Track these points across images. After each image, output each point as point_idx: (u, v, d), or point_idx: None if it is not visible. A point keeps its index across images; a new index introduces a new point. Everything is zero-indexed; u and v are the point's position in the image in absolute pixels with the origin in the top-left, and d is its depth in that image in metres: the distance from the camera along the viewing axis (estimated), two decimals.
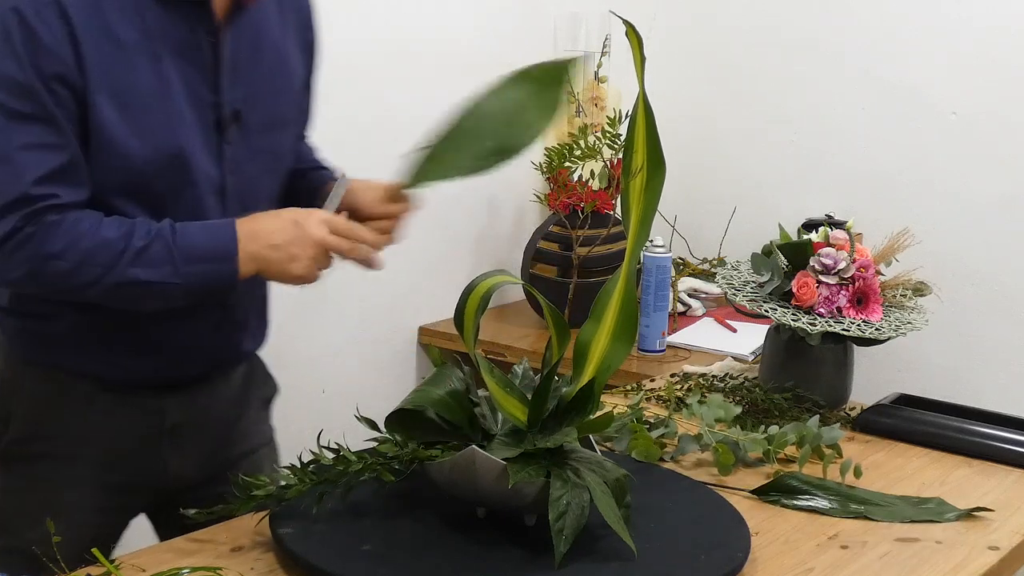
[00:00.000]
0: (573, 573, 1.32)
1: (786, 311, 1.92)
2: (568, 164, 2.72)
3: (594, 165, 2.76)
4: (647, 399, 2.01)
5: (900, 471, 1.78)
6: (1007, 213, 2.78)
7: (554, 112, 1.49)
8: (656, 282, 2.53)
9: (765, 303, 1.94)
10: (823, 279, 1.92)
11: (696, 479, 1.65)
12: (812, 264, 1.93)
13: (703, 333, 2.71)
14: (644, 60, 1.39)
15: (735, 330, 2.71)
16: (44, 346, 1.59)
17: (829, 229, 2.00)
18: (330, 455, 1.43)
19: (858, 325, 1.89)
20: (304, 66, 1.71)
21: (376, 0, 2.57)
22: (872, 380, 2.34)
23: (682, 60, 3.15)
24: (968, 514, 1.62)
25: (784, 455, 1.75)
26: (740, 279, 2.02)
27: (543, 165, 2.77)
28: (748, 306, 1.97)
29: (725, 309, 2.84)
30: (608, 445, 1.74)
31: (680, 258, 3.02)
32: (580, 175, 2.78)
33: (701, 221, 3.10)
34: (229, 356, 1.70)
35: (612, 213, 2.78)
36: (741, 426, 1.80)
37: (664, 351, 2.58)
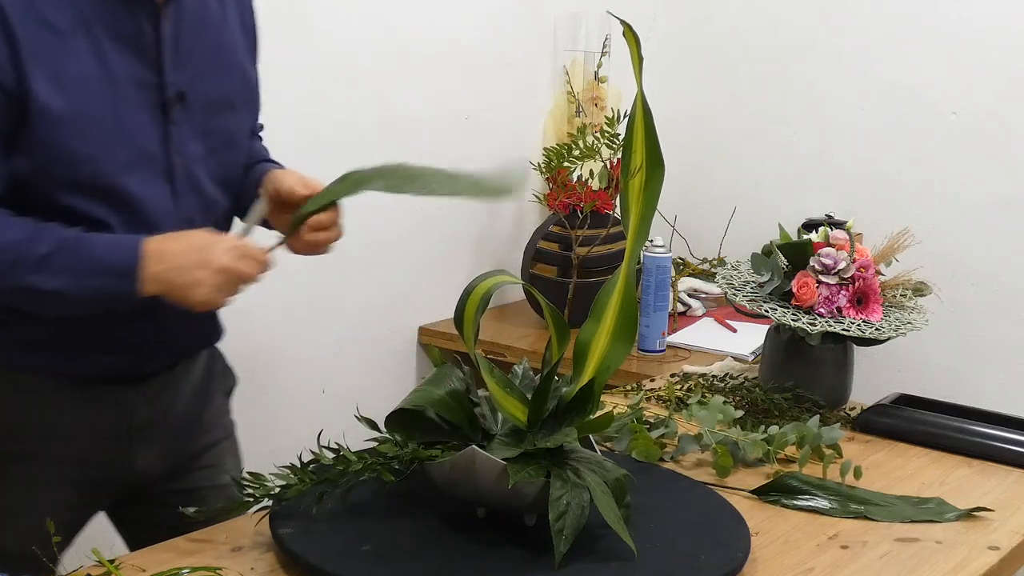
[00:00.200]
0: (573, 573, 1.32)
1: (786, 311, 1.92)
2: (567, 164, 2.72)
3: (593, 165, 2.76)
4: (647, 399, 2.01)
5: (900, 471, 1.78)
6: (1007, 213, 2.78)
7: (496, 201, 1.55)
8: (656, 282, 2.53)
9: (765, 303, 1.94)
10: (823, 279, 1.92)
11: (696, 479, 1.66)
12: (812, 264, 1.93)
13: (703, 333, 2.71)
14: (642, 60, 1.39)
15: (735, 330, 2.71)
16: (7, 346, 1.57)
17: (829, 229, 2.00)
18: (330, 455, 1.44)
19: (858, 325, 1.89)
20: (248, 49, 1.69)
21: (376, 0, 2.57)
22: (872, 380, 2.34)
23: (681, 60, 3.15)
24: (968, 514, 1.62)
25: (784, 455, 1.75)
26: (740, 279, 2.02)
27: (542, 165, 2.77)
28: (748, 306, 1.97)
29: (725, 309, 2.84)
30: (608, 445, 1.74)
31: (680, 258, 3.02)
32: (579, 175, 2.78)
33: (701, 221, 3.10)
34: (194, 345, 1.71)
35: (612, 213, 2.78)
36: (741, 426, 1.80)
37: (664, 351, 2.58)
